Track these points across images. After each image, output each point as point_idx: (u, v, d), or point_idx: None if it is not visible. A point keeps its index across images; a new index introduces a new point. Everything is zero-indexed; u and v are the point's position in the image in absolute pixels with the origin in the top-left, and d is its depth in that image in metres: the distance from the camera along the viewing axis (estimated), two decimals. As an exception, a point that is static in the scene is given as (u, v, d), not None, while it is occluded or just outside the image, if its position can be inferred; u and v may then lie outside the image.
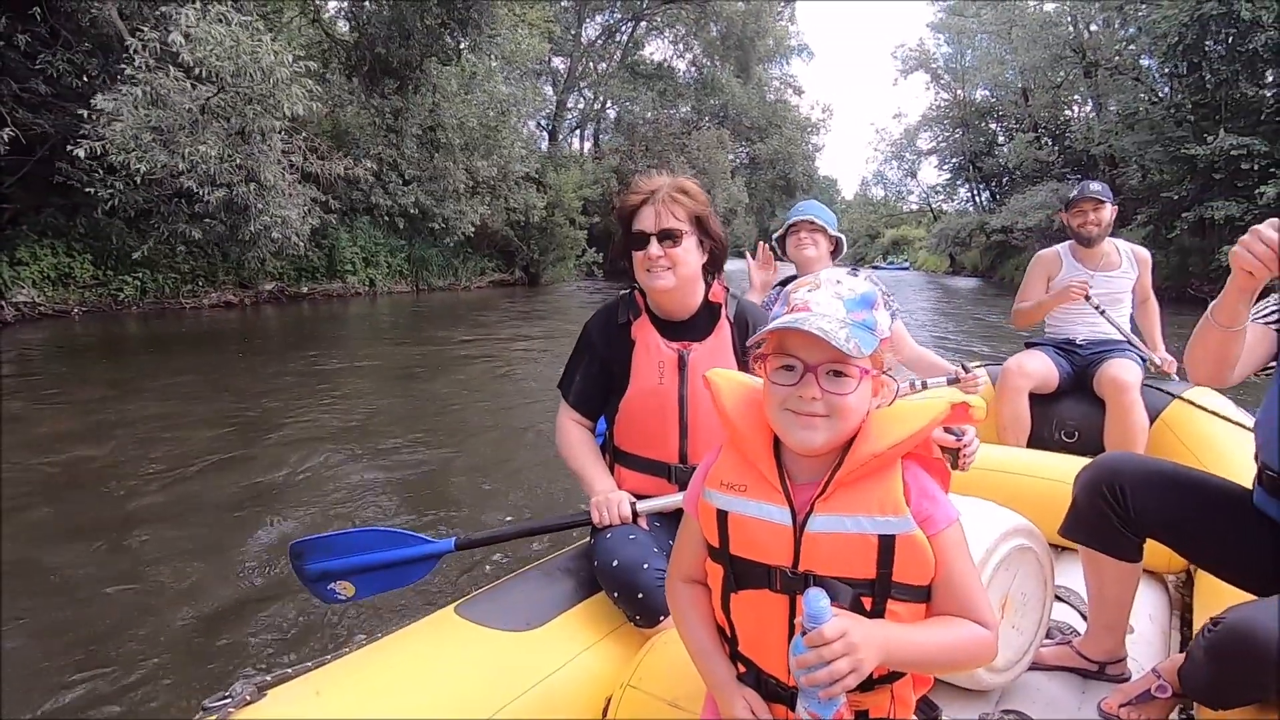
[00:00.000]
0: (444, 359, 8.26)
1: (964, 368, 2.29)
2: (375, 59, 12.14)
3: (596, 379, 1.67)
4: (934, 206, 47.06)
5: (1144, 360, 2.94)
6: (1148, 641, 1.80)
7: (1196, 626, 1.67)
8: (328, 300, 16.05)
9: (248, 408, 5.63)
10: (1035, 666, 1.57)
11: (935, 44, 39.64)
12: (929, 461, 0.99)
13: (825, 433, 0.91)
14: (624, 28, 28.95)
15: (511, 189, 18.94)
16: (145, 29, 6.21)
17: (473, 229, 15.00)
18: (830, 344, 0.86)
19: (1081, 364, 3.04)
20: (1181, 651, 1.66)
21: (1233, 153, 15.27)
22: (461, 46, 13.09)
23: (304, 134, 7.50)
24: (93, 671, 2.29)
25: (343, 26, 14.48)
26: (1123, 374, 2.77)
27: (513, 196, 19.23)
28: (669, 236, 1.52)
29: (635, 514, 1.53)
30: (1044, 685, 1.56)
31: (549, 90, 26.24)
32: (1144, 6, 18.94)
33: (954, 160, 41.18)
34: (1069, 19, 26.46)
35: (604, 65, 28.81)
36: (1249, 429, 1.72)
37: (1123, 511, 1.44)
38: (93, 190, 6.83)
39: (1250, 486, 1.46)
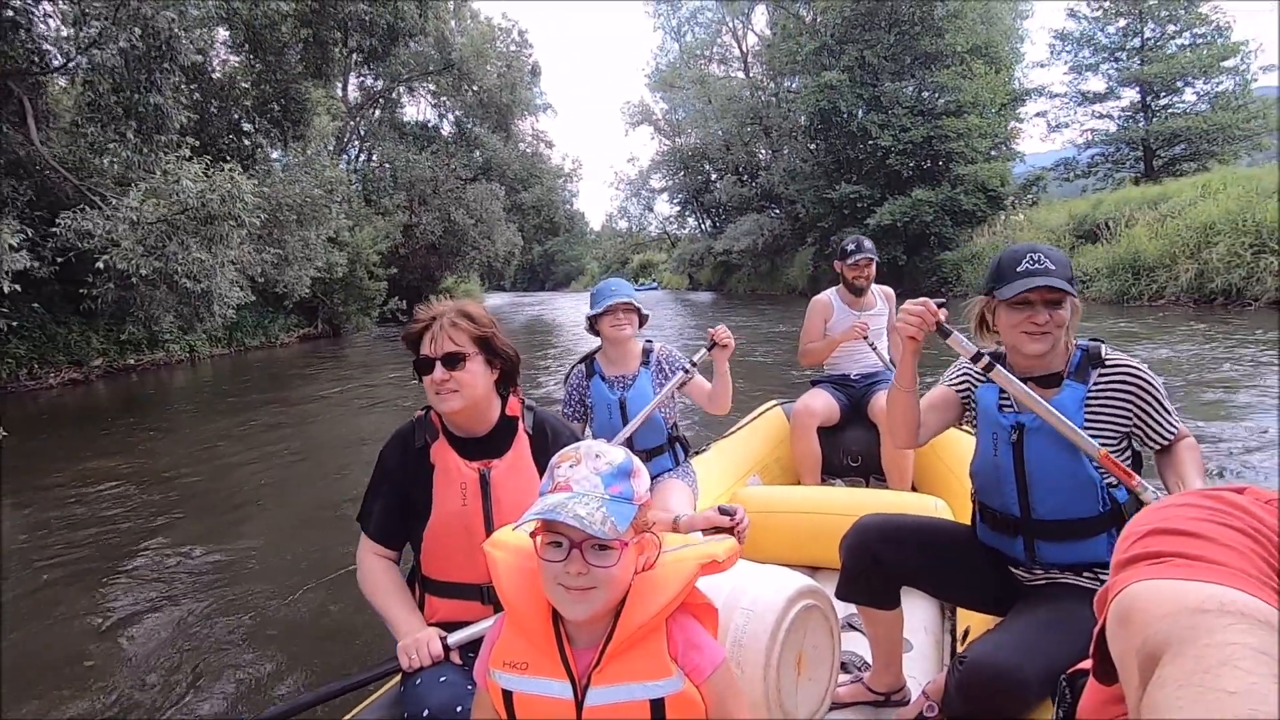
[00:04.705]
0: (269, 437, 7.58)
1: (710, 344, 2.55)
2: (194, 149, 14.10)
3: (396, 508, 1.63)
4: (670, 234, 53.79)
5: None
6: (923, 654, 2.09)
7: (960, 629, 1.99)
8: (155, 370, 16.62)
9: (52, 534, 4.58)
10: (835, 705, 1.78)
11: (653, 100, 47.51)
12: (695, 607, 1.10)
13: (594, 604, 1.00)
14: (387, 92, 31.36)
15: (314, 251, 20.77)
16: (150, 174, 8.31)
17: (308, 291, 17.03)
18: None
19: (856, 395, 3.39)
20: (952, 656, 2.01)
21: (851, 196, 23.18)
22: (287, 136, 15.40)
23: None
24: None
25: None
26: None
27: (316, 258, 21.06)
28: (452, 361, 1.53)
29: (447, 650, 1.47)
30: None
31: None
32: (789, 94, 26.97)
33: (680, 195, 47.92)
34: (747, 93, 34.97)
35: (365, 125, 30.91)
36: None
37: (880, 570, 1.69)
38: (85, 291, 8.57)
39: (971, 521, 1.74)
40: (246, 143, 13.89)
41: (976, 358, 1.58)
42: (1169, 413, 1.57)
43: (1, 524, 3.55)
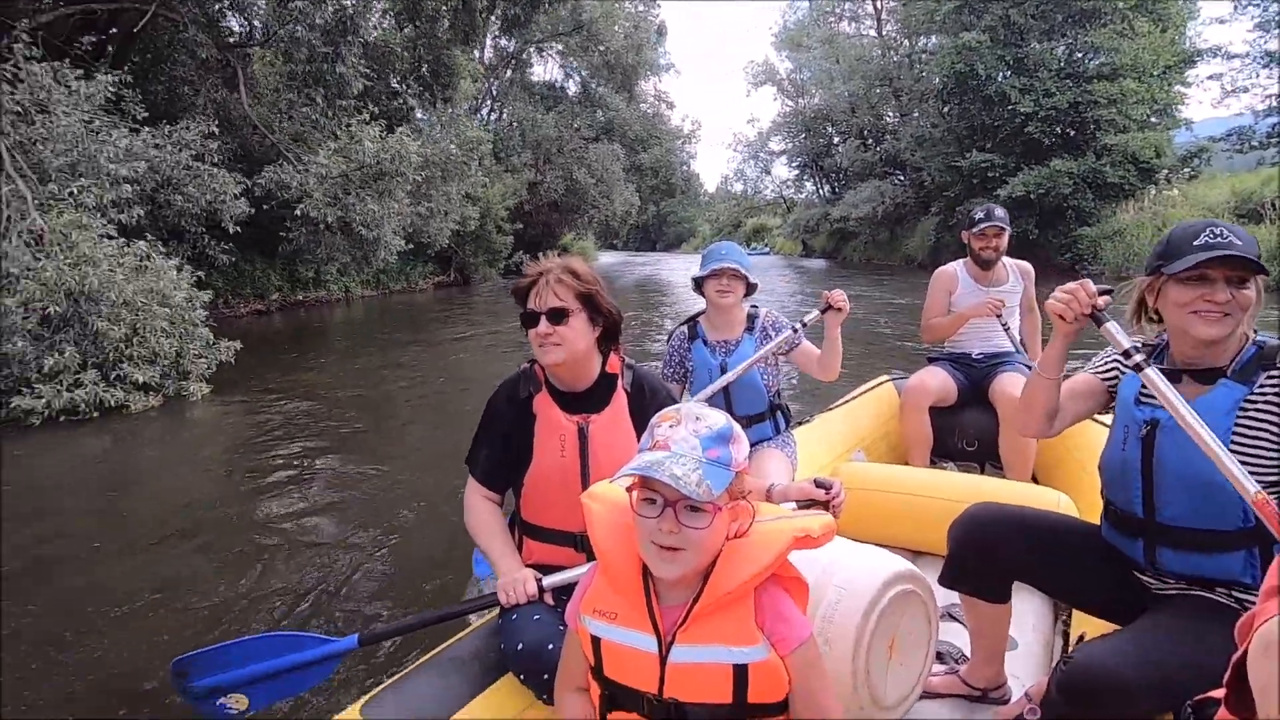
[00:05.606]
0: (406, 374, 8.46)
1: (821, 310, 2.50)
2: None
3: (501, 454, 1.71)
4: (786, 198, 52.69)
5: (1031, 370, 3.43)
6: (1030, 654, 1.95)
7: (1074, 633, 1.84)
8: (318, 306, 19.02)
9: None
10: (927, 694, 1.70)
11: (779, 59, 46.26)
12: (785, 580, 1.11)
13: (683, 565, 1.03)
14: (519, 53, 32.68)
15: (453, 205, 22.50)
16: (335, 137, 9.86)
17: (446, 242, 18.71)
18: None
19: (977, 377, 3.17)
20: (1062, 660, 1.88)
21: (982, 164, 22.12)
22: (436, 99, 16.88)
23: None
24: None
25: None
26: (1012, 387, 2.88)
27: (455, 212, 22.82)
28: (557, 315, 1.59)
29: (542, 591, 1.56)
30: (936, 712, 1.73)
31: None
32: (923, 55, 25.76)
33: (800, 159, 46.67)
34: (878, 53, 33.55)
35: (497, 85, 32.41)
36: None
37: (991, 562, 1.59)
38: (284, 234, 10.34)
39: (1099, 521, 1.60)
40: (398, 103, 15.40)
41: (1128, 354, 1.38)
42: None
43: (1, 528, 3.78)
